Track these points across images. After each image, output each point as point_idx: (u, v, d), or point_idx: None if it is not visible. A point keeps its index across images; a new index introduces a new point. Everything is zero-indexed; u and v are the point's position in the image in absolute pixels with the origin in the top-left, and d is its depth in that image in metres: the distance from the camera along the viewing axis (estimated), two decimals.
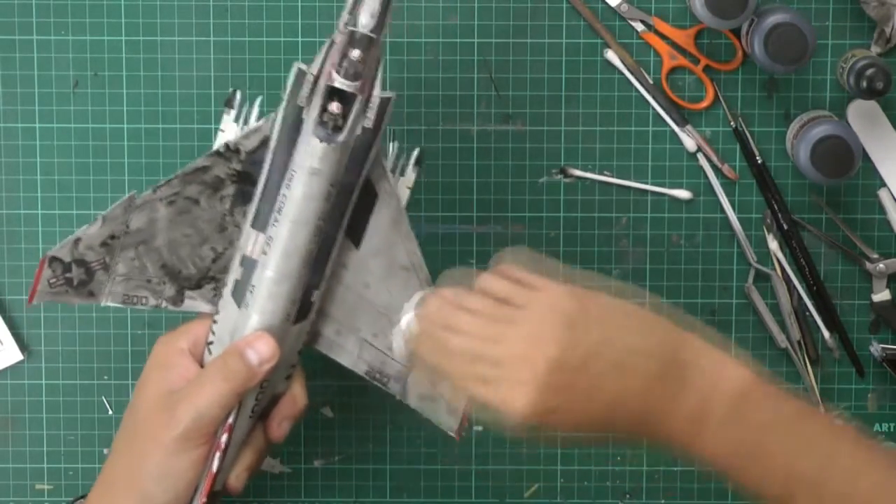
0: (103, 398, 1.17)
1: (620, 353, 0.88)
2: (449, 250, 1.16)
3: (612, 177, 1.15)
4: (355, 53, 0.94)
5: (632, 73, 1.15)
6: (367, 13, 0.94)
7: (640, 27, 1.15)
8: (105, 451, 1.17)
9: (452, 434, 1.02)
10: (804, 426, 0.89)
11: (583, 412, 0.88)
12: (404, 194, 1.01)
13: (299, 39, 1.14)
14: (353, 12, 0.94)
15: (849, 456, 0.89)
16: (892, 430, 1.17)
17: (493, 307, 0.90)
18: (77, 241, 0.97)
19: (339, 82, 0.94)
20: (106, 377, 1.17)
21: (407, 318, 0.98)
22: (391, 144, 1.01)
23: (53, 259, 0.97)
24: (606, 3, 1.14)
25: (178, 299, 1.00)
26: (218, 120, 0.99)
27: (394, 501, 1.18)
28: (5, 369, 1.16)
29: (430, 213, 1.15)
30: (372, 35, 0.94)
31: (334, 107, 0.94)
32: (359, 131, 0.96)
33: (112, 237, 0.97)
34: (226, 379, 0.95)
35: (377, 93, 0.96)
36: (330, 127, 0.94)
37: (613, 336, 0.88)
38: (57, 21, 1.14)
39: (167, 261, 0.99)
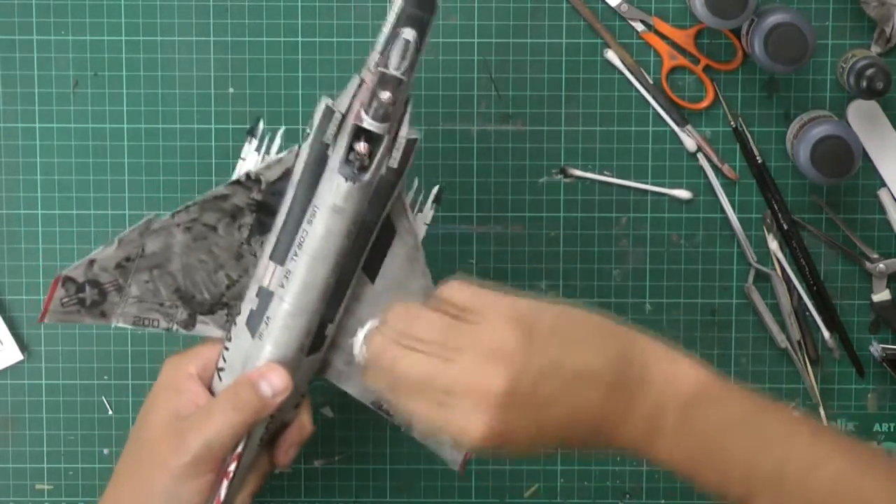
0: (103, 398, 1.17)
1: (571, 372, 0.87)
2: (449, 250, 1.16)
3: (612, 177, 1.15)
4: (385, 95, 0.93)
5: (632, 73, 1.15)
6: (399, 55, 0.94)
7: (640, 27, 1.15)
8: (105, 451, 1.17)
9: (456, 468, 1.02)
10: (760, 423, 0.88)
11: (536, 432, 0.87)
12: (422, 230, 1.00)
13: (299, 39, 1.14)
14: (385, 53, 0.94)
15: (807, 448, 0.88)
16: (892, 430, 1.17)
17: (441, 333, 0.88)
18: (92, 262, 0.97)
19: (368, 123, 0.94)
20: (106, 377, 1.17)
21: (358, 343, 0.96)
22: (415, 180, 1.00)
23: (67, 279, 0.96)
24: (606, 3, 1.14)
25: (189, 323, 0.99)
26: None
27: (394, 501, 1.18)
28: (5, 369, 1.16)
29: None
30: (403, 78, 0.94)
31: (361, 147, 0.94)
32: (383, 171, 0.95)
33: (127, 259, 0.97)
34: (237, 409, 0.95)
35: (404, 133, 0.95)
36: (356, 166, 0.94)
37: (563, 354, 0.87)
38: (57, 21, 1.14)
39: (181, 285, 0.99)
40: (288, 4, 1.14)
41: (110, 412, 1.17)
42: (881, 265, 1.15)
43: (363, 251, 0.98)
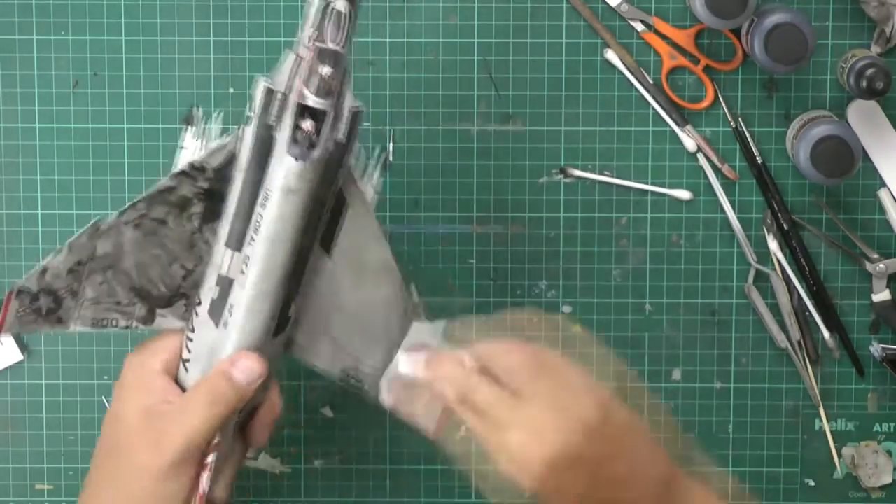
0: (103, 398, 1.17)
1: (624, 470, 0.89)
2: (449, 250, 1.16)
3: (612, 177, 1.15)
4: (326, 70, 0.92)
5: (632, 73, 1.15)
6: (334, 28, 0.92)
7: (640, 27, 1.15)
8: None
9: (430, 435, 1.01)
10: None
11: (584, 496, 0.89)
12: (372, 197, 0.99)
13: None
14: (319, 27, 0.92)
15: None
16: (892, 430, 1.17)
17: (528, 379, 0.90)
18: (44, 270, 0.95)
19: (312, 100, 0.92)
20: (106, 377, 1.17)
21: (402, 366, 0.97)
22: (359, 149, 0.99)
23: (21, 291, 0.95)
24: (606, 3, 1.14)
25: (148, 318, 0.98)
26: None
27: (394, 501, 1.18)
28: (5, 369, 1.16)
29: (430, 213, 1.15)
30: (342, 51, 0.92)
31: (307, 125, 0.92)
32: (331, 146, 0.94)
33: (79, 263, 0.96)
34: (214, 403, 0.94)
35: (348, 104, 0.94)
36: (304, 145, 0.92)
37: (623, 452, 0.89)
38: (57, 21, 1.14)
39: (136, 282, 0.97)
40: (288, 4, 1.14)
41: None
42: (881, 265, 1.15)
43: (318, 226, 0.97)
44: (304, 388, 1.16)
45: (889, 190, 1.15)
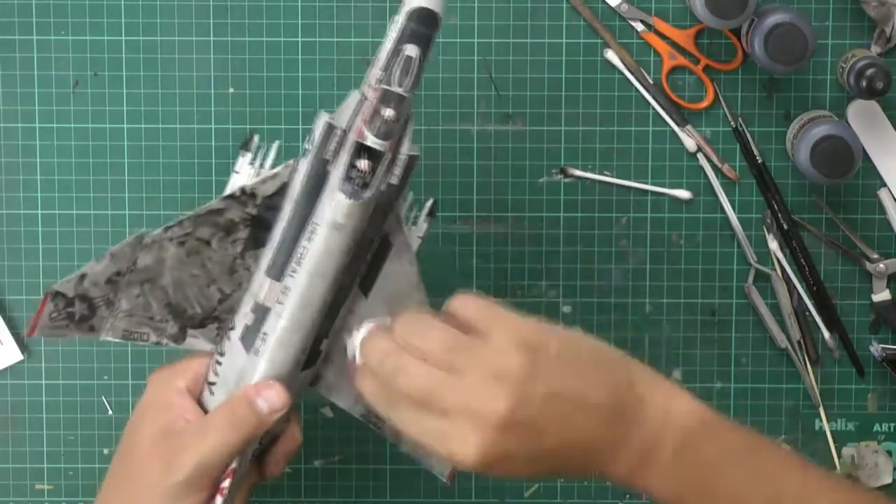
0: (103, 398, 1.17)
1: (573, 400, 0.86)
2: (449, 250, 1.16)
3: (612, 177, 1.15)
4: (388, 112, 0.92)
5: (632, 73, 1.15)
6: (402, 72, 0.92)
7: (640, 27, 1.15)
8: (105, 451, 1.17)
9: (443, 479, 1.01)
10: (753, 458, 0.88)
11: (532, 458, 0.87)
12: (415, 244, 1.00)
13: (299, 39, 1.14)
14: (387, 69, 0.92)
15: (799, 483, 0.88)
16: (892, 430, 1.17)
17: (447, 347, 0.88)
18: (83, 276, 0.95)
19: (371, 140, 0.92)
20: (106, 377, 1.17)
21: (354, 344, 0.95)
22: (409, 194, 0.99)
23: (57, 294, 0.95)
24: (606, 3, 1.14)
25: (179, 337, 0.98)
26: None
27: (394, 501, 1.18)
28: (5, 369, 1.16)
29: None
30: (406, 94, 0.92)
31: (363, 164, 0.92)
32: (384, 187, 0.94)
33: (118, 274, 0.96)
34: (234, 427, 0.93)
35: (405, 149, 0.94)
36: (357, 183, 0.93)
37: (568, 382, 0.87)
38: (57, 21, 1.14)
39: (172, 299, 0.97)
40: (288, 4, 1.14)
41: (110, 412, 1.17)
42: (881, 265, 1.15)
43: (361, 267, 0.97)
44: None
45: (889, 190, 1.15)
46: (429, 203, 1.00)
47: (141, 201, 1.15)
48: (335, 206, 0.93)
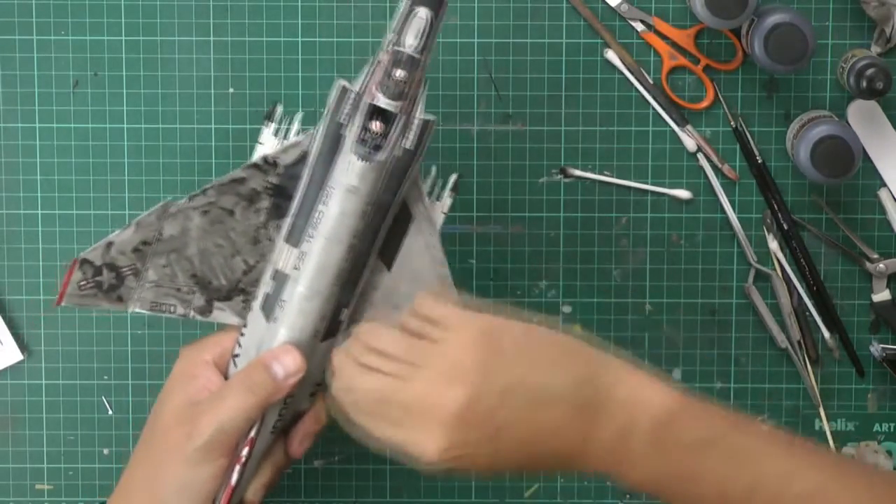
0: (103, 398, 1.17)
1: (532, 393, 0.86)
2: (449, 250, 1.15)
3: (612, 177, 1.15)
4: (399, 73, 0.94)
5: (632, 73, 1.15)
6: (414, 34, 0.94)
7: (640, 27, 1.15)
8: (105, 451, 1.17)
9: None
10: (733, 441, 0.87)
11: (495, 454, 0.87)
12: (439, 219, 1.00)
13: (299, 39, 1.14)
14: (399, 32, 0.94)
15: (782, 463, 0.87)
16: (892, 430, 1.17)
17: (402, 350, 0.89)
18: (109, 244, 0.97)
19: (382, 101, 0.94)
20: (106, 377, 1.17)
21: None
22: (432, 168, 1.00)
23: (84, 261, 0.97)
24: (606, 3, 1.14)
25: (206, 309, 0.99)
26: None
27: (394, 501, 1.18)
28: (5, 369, 1.16)
29: None
30: (417, 56, 0.94)
31: (375, 125, 0.94)
32: (399, 152, 0.95)
33: (144, 243, 0.97)
34: (250, 391, 0.94)
35: (419, 114, 0.95)
36: (370, 145, 0.94)
37: (525, 375, 0.87)
38: (57, 21, 1.14)
39: (198, 270, 0.98)
40: (288, 4, 1.14)
41: (110, 412, 1.17)
42: (881, 265, 1.15)
43: (378, 235, 0.97)
44: None
45: (889, 190, 1.15)
46: (453, 177, 1.01)
47: (141, 201, 1.15)
48: (349, 169, 0.94)
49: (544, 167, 1.16)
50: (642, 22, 1.14)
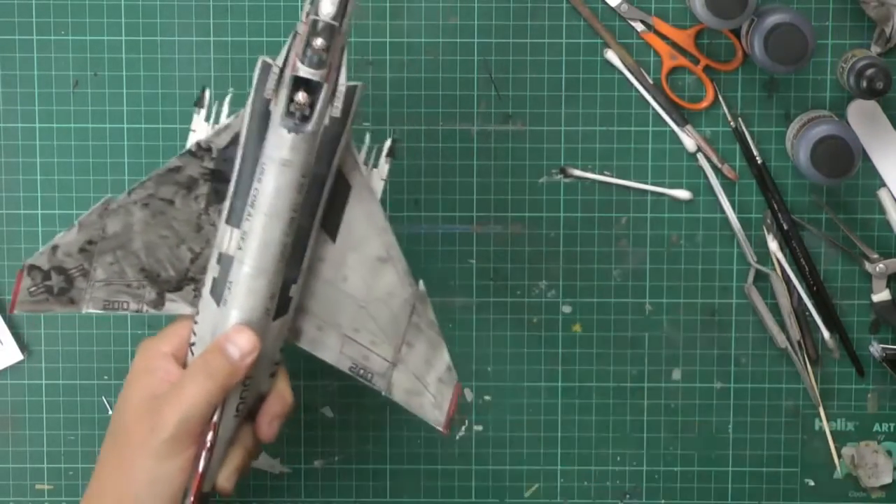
0: (103, 398, 1.17)
1: None
2: (449, 250, 1.16)
3: (612, 177, 1.15)
4: (318, 42, 0.93)
5: (632, 73, 1.15)
6: (328, 1, 0.93)
7: (640, 27, 1.15)
8: None
9: (440, 428, 1.01)
10: None
11: None
12: (379, 186, 1.00)
13: None
14: (314, 2, 0.94)
15: None
16: (892, 430, 1.17)
17: None
18: (55, 248, 0.97)
19: (304, 71, 0.93)
20: (106, 377, 1.17)
21: None
22: (366, 135, 1.00)
23: (32, 267, 0.97)
24: (606, 3, 1.14)
25: (158, 302, 0.99)
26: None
27: (394, 501, 1.18)
28: (5, 369, 1.16)
29: (431, 213, 1.15)
30: (334, 23, 0.93)
31: (301, 96, 0.94)
32: (327, 122, 0.95)
33: (90, 242, 0.97)
34: (209, 376, 0.94)
35: (343, 81, 0.95)
36: (298, 117, 0.94)
37: None
38: (57, 21, 1.14)
39: (146, 264, 0.98)
40: (288, 4, 1.14)
41: (110, 412, 1.17)
42: (881, 265, 1.15)
43: (318, 207, 0.97)
44: (304, 388, 1.16)
45: (889, 190, 1.15)
46: (387, 142, 1.00)
47: None
48: (279, 143, 0.94)
49: (544, 167, 1.16)
50: (642, 22, 1.14)
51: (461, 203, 1.15)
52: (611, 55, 1.14)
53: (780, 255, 1.16)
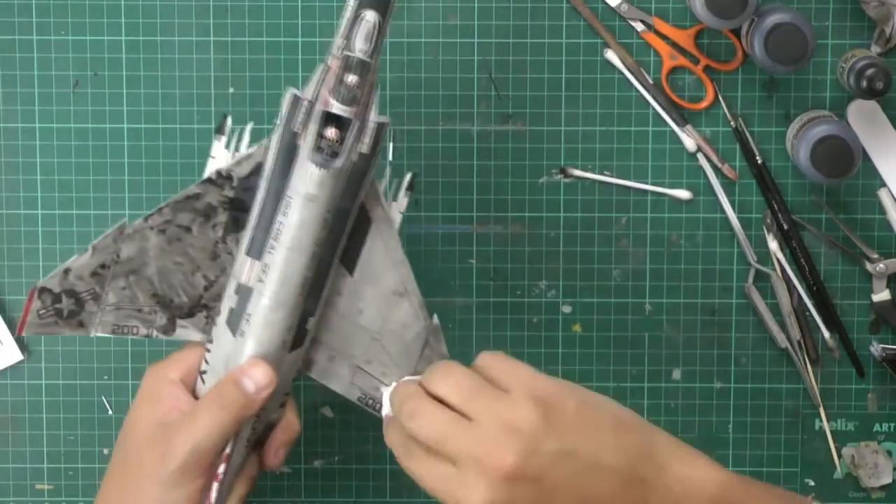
0: (103, 398, 1.17)
1: (585, 462, 0.86)
2: (449, 250, 1.16)
3: (612, 177, 1.15)
4: (351, 78, 0.93)
5: (632, 73, 1.15)
6: (363, 38, 0.93)
7: (640, 27, 1.15)
8: (105, 451, 1.17)
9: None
10: None
11: None
12: (397, 219, 1.00)
13: (299, 39, 1.14)
14: (348, 37, 0.94)
15: None
16: (892, 430, 1.17)
17: (465, 395, 0.88)
18: (67, 271, 0.96)
19: (336, 107, 0.93)
20: (106, 377, 1.17)
21: (385, 395, 0.96)
22: (386, 168, 1.00)
23: (43, 290, 0.96)
24: (606, 3, 1.14)
25: (169, 328, 0.99)
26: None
27: (394, 501, 1.18)
28: (5, 369, 1.16)
29: (430, 213, 1.15)
30: (368, 60, 0.94)
31: (331, 132, 0.94)
32: (355, 157, 0.95)
33: (102, 266, 0.97)
34: (223, 408, 0.93)
35: (373, 117, 0.95)
36: (326, 153, 0.94)
37: (580, 443, 0.87)
38: (57, 21, 1.14)
39: (158, 290, 0.98)
40: (288, 4, 1.14)
41: (110, 412, 1.17)
42: (881, 265, 1.15)
43: (340, 241, 0.97)
44: (304, 388, 1.16)
45: (889, 190, 1.15)
46: (408, 176, 1.00)
47: (141, 201, 1.15)
48: (307, 178, 0.94)
49: (544, 167, 1.16)
50: (642, 22, 1.14)
51: (461, 203, 1.15)
52: (611, 55, 1.14)
53: (780, 255, 1.16)
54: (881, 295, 1.16)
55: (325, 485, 1.18)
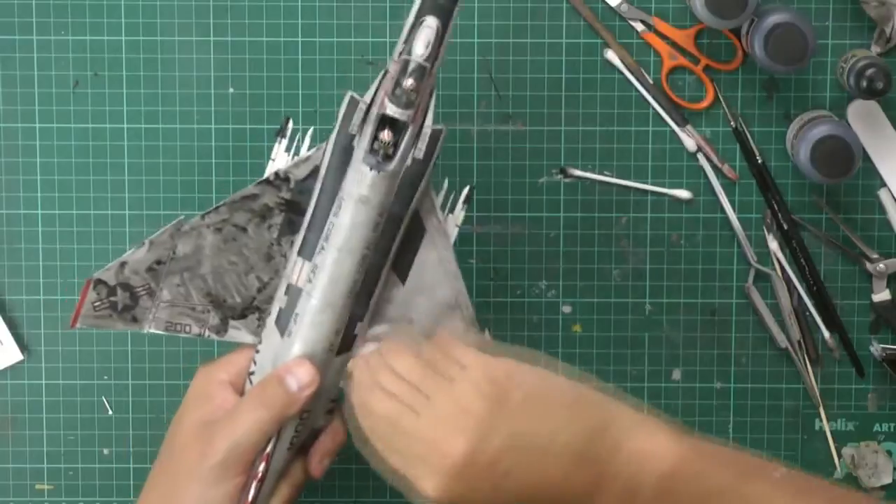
0: (103, 398, 1.17)
1: (536, 444, 0.86)
2: None
3: (612, 177, 1.15)
4: (408, 82, 0.93)
5: (632, 73, 1.15)
6: (422, 43, 0.94)
7: (640, 27, 1.15)
8: (105, 451, 1.17)
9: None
10: (740, 491, 0.87)
11: (496, 499, 0.86)
12: (453, 232, 1.00)
13: (299, 39, 1.14)
14: (408, 42, 0.94)
15: None
16: (892, 430, 1.17)
17: (420, 377, 0.89)
18: (123, 264, 0.96)
19: (392, 110, 0.94)
20: (106, 377, 1.17)
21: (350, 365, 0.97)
22: (445, 181, 1.00)
23: (99, 282, 0.96)
24: (606, 3, 1.14)
25: (221, 328, 0.99)
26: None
27: (394, 501, 1.18)
28: (5, 369, 1.16)
29: None
30: (426, 64, 0.94)
31: (385, 135, 0.94)
32: (409, 162, 0.95)
33: (158, 262, 0.97)
34: (264, 405, 0.94)
35: (429, 124, 0.95)
36: (380, 155, 0.94)
37: (531, 425, 0.87)
38: (57, 21, 1.14)
39: (212, 289, 0.98)
40: (288, 4, 1.14)
41: (110, 412, 1.17)
42: (881, 265, 1.15)
43: (391, 246, 0.97)
44: None
45: (889, 190, 1.15)
46: (465, 190, 1.01)
47: (141, 201, 1.15)
48: (360, 179, 0.94)
49: (544, 167, 1.16)
50: (642, 22, 1.14)
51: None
52: (611, 55, 1.14)
53: (780, 255, 1.16)
54: (881, 295, 1.16)
55: (325, 485, 1.18)
